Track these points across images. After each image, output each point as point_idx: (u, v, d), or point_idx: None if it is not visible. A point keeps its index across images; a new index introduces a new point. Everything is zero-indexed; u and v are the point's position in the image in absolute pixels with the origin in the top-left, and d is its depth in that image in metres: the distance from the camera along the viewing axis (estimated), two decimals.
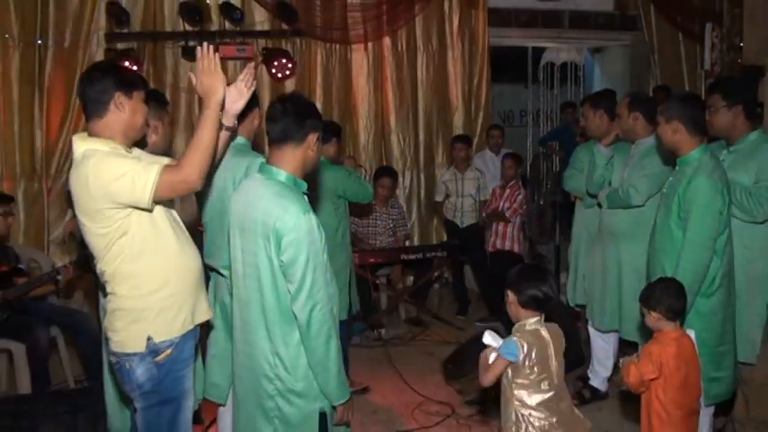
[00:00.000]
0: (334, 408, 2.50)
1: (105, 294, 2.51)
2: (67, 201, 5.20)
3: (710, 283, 3.05)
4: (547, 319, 2.74)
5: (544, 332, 2.67)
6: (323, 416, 2.47)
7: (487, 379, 2.68)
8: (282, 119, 2.47)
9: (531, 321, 2.68)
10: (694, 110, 3.15)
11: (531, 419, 2.64)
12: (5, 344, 4.24)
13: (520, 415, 2.66)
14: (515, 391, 2.67)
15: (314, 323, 2.36)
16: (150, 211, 2.40)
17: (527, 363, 2.62)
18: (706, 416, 3.17)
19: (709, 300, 3.05)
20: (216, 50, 2.48)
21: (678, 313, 2.80)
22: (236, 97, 2.66)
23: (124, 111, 2.42)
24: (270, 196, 2.40)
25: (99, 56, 5.82)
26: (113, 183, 2.30)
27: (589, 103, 4.34)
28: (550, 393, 2.64)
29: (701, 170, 3.04)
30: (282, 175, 2.46)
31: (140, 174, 2.32)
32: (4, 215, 4.42)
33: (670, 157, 3.35)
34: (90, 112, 2.44)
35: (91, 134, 2.44)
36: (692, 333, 2.95)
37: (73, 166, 2.41)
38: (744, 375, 3.55)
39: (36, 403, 3.51)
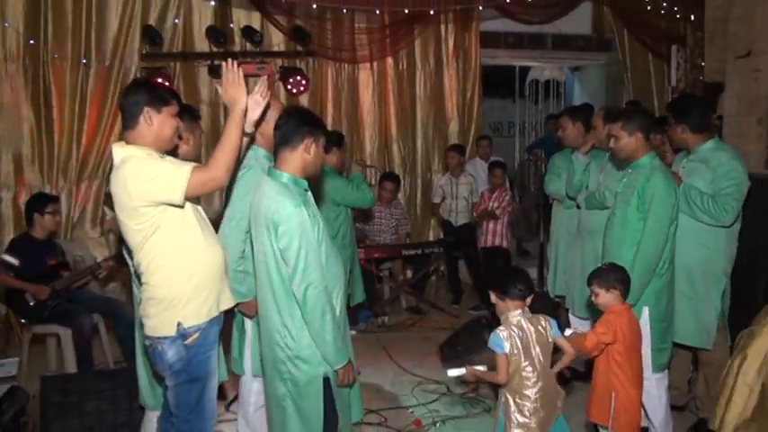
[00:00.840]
0: (337, 372, 2.54)
1: (140, 284, 2.54)
2: (107, 201, 5.21)
3: (662, 265, 3.13)
4: (534, 312, 2.74)
5: (525, 323, 2.67)
6: (326, 379, 2.52)
7: (501, 376, 2.67)
8: (283, 126, 2.54)
9: (514, 314, 2.69)
10: (649, 122, 3.29)
11: (516, 402, 2.65)
12: (54, 329, 4.28)
13: (507, 398, 2.68)
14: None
15: (308, 300, 2.42)
16: (182, 207, 2.42)
17: (512, 350, 2.63)
18: (662, 389, 3.21)
19: (660, 279, 3.14)
20: (239, 65, 2.51)
21: (628, 292, 2.88)
22: (254, 107, 2.67)
23: (152, 124, 2.44)
24: (271, 194, 2.47)
25: (135, 73, 5.85)
26: (149, 182, 2.32)
27: (567, 115, 4.32)
28: (534, 378, 2.64)
29: (657, 171, 3.14)
30: (284, 176, 2.52)
31: (173, 174, 2.35)
32: (53, 213, 4.44)
33: (622, 163, 3.40)
34: (125, 122, 2.47)
35: (127, 142, 2.47)
36: (645, 310, 3.05)
37: (113, 169, 2.43)
38: (703, 359, 3.58)
39: (81, 381, 3.53)
